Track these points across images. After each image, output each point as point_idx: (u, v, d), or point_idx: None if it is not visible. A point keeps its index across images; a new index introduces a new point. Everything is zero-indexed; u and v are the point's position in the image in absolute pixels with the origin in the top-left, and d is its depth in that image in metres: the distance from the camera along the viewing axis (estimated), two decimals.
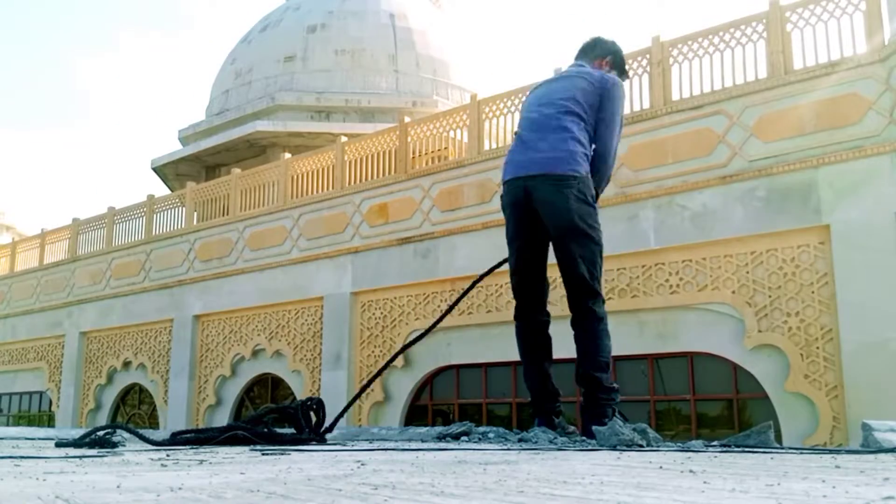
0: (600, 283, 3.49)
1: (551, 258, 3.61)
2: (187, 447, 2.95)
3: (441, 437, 3.37)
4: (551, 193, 3.40)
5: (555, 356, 3.70)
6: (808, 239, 7.47)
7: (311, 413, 3.39)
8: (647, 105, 8.62)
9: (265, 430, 3.19)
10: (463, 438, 3.30)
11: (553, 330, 3.68)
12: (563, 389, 3.72)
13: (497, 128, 9.98)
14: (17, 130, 69.54)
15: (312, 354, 11.13)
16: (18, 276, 16.39)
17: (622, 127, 3.69)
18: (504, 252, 3.78)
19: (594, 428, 2.92)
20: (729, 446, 2.63)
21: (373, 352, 10.50)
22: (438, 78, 16.90)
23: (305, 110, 16.29)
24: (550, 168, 3.43)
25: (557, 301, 3.89)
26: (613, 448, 2.61)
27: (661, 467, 1.72)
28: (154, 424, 13.30)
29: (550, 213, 3.42)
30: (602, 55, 3.83)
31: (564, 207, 3.38)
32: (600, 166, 3.58)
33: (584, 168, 3.48)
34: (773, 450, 2.47)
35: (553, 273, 3.60)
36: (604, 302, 3.52)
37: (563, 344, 3.69)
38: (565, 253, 3.43)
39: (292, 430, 3.39)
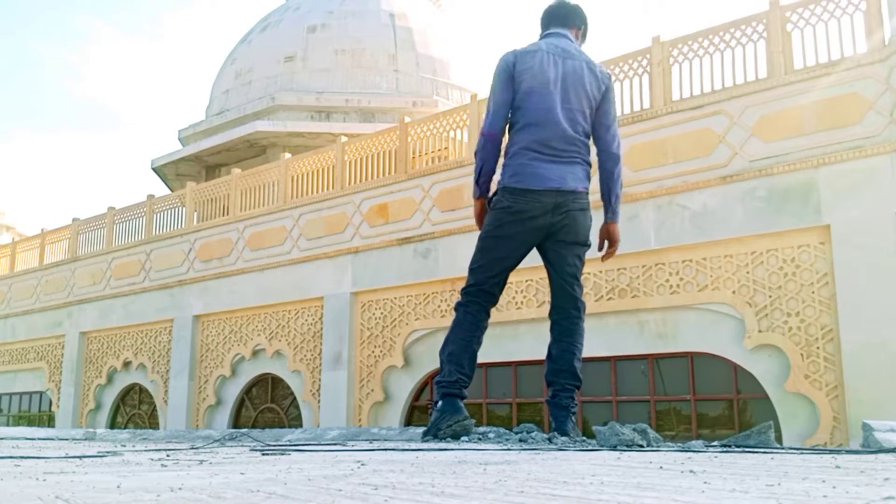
0: None
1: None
2: (187, 447, 2.95)
3: (441, 438, 3.37)
4: (580, 211, 3.52)
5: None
6: (808, 239, 7.47)
7: None
8: (647, 105, 8.62)
9: None
10: (463, 438, 3.30)
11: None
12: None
13: None
14: (17, 131, 69.57)
15: (312, 354, 11.13)
16: (18, 276, 16.39)
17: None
18: None
19: (595, 428, 2.92)
20: (729, 446, 2.63)
21: (373, 352, 10.51)
22: (438, 78, 16.90)
23: (305, 110, 16.29)
24: (577, 184, 3.50)
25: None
26: (613, 448, 2.61)
27: (661, 467, 1.72)
28: (154, 424, 13.30)
29: (576, 228, 3.50)
30: (578, 25, 3.76)
31: (586, 225, 3.55)
32: (614, 185, 3.60)
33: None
34: (774, 450, 2.47)
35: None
36: None
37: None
38: (572, 261, 3.55)
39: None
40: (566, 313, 3.53)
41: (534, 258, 3.68)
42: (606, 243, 3.70)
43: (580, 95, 3.51)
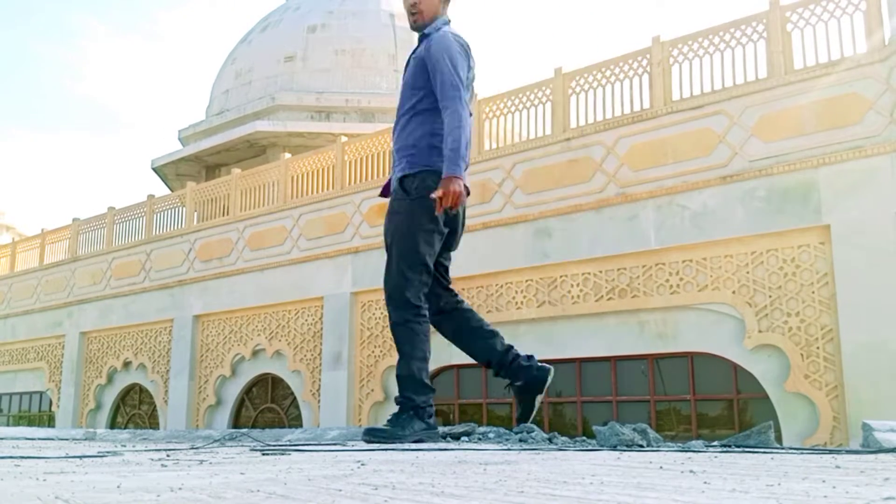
0: None
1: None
2: (187, 447, 2.95)
3: (441, 437, 3.37)
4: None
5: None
6: (808, 239, 7.47)
7: None
8: (647, 105, 8.61)
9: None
10: (463, 438, 3.30)
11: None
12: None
13: (497, 128, 9.97)
14: (17, 130, 69.57)
15: (312, 354, 11.13)
16: (18, 276, 16.38)
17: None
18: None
19: (595, 428, 2.92)
20: (729, 446, 2.63)
21: (373, 352, 10.50)
22: None
23: (305, 110, 16.29)
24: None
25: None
26: (613, 448, 2.61)
27: (661, 467, 1.72)
28: (154, 424, 13.30)
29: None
30: None
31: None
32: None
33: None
34: (774, 450, 2.47)
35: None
36: None
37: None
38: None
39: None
40: (460, 306, 3.67)
41: (534, 258, 3.67)
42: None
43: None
